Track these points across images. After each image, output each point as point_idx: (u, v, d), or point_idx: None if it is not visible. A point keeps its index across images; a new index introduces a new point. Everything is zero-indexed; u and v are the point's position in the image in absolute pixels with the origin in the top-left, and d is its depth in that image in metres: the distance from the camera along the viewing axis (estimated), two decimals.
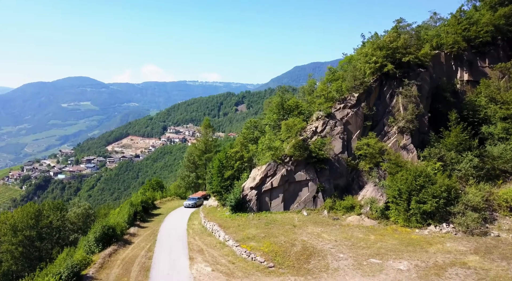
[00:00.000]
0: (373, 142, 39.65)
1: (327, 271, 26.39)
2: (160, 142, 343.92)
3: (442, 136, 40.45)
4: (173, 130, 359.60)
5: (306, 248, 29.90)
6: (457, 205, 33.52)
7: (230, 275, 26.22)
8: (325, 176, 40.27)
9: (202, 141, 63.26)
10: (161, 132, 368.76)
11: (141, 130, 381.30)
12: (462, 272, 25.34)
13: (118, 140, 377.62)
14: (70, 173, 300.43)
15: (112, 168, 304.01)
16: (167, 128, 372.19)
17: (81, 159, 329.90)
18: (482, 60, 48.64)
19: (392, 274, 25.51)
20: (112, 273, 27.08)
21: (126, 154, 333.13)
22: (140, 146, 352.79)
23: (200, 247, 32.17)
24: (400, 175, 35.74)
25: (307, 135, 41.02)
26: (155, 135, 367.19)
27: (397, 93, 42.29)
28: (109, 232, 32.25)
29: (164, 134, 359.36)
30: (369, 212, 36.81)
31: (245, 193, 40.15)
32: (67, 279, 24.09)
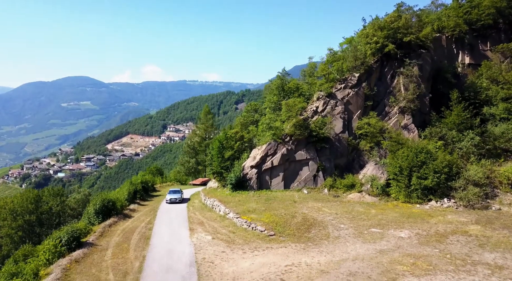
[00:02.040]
0: (374, 122, 39.55)
1: (328, 239, 26.24)
2: (160, 140, 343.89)
3: (443, 116, 40.35)
4: (173, 128, 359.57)
5: (306, 219, 29.75)
6: (458, 180, 33.36)
7: (230, 243, 26.06)
8: (326, 155, 40.14)
9: (202, 128, 63.06)
10: (161, 131, 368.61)
11: (141, 129, 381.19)
12: (463, 239, 25.20)
13: (118, 138, 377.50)
14: (70, 172, 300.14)
15: (112, 167, 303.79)
16: (167, 127, 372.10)
17: (81, 157, 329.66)
18: (483, 43, 48.58)
19: (393, 241, 25.38)
20: (112, 240, 26.92)
21: (126, 153, 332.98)
22: (140, 145, 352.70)
23: (201, 220, 32.03)
24: (401, 152, 35.61)
25: (308, 115, 40.92)
26: (155, 134, 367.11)
27: (398, 73, 42.21)
28: (108, 205, 32.10)
29: (164, 133, 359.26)
30: (369, 190, 36.66)
31: (246, 172, 40.01)
32: (67, 243, 23.92)
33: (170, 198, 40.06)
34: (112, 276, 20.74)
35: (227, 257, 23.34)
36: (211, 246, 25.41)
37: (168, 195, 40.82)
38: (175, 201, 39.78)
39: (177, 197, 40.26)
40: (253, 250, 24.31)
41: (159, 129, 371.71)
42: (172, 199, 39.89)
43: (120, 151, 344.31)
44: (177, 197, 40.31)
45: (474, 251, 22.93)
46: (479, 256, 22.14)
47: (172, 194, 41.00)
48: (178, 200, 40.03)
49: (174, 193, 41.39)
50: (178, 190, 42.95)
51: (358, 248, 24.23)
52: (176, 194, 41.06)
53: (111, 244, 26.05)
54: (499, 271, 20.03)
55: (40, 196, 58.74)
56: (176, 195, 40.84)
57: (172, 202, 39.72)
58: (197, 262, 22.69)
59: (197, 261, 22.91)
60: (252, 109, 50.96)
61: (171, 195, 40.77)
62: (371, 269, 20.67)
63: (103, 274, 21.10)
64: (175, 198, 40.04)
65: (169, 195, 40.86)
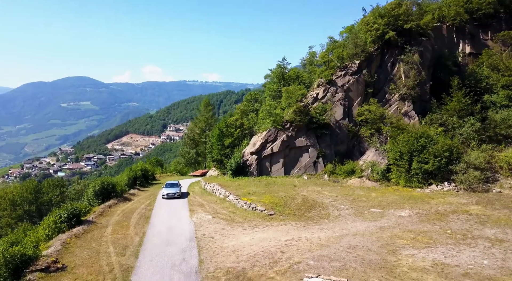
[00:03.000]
0: (374, 108, 39.52)
1: (328, 218, 26.22)
2: (160, 140, 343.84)
3: (444, 103, 40.32)
4: (173, 128, 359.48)
5: (306, 200, 29.72)
6: (459, 164, 33.31)
7: (230, 221, 26.03)
8: (326, 142, 40.10)
9: (202, 119, 62.89)
10: (161, 130, 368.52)
11: (141, 128, 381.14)
12: (464, 217, 25.15)
13: (118, 138, 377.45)
14: (70, 171, 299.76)
15: (112, 166, 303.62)
16: (167, 126, 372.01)
17: (81, 157, 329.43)
18: (484, 32, 48.55)
19: (394, 219, 25.35)
20: (112, 219, 26.87)
21: (126, 152, 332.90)
22: (140, 144, 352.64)
23: (201, 202, 32.00)
24: (401, 138, 35.58)
25: (308, 102, 40.90)
26: (155, 133, 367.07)
27: (398, 61, 42.20)
28: (108, 188, 32.04)
29: (164, 132, 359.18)
30: (370, 175, 36.61)
31: (246, 158, 39.98)
32: (67, 220, 23.87)
33: (167, 192, 34.75)
34: (112, 249, 20.70)
35: (227, 233, 23.31)
36: (211, 224, 25.38)
37: (165, 189, 35.44)
38: (173, 196, 34.60)
39: (175, 192, 34.93)
40: (253, 227, 24.29)
41: (159, 129, 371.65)
42: (170, 193, 34.69)
43: (120, 150, 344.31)
44: (175, 191, 35.04)
45: (475, 228, 22.89)
46: (480, 232, 22.10)
47: (169, 188, 35.58)
48: (176, 194, 34.84)
49: (171, 187, 35.95)
50: (176, 183, 37.64)
51: (358, 226, 24.20)
52: (174, 188, 35.67)
53: (111, 222, 26.02)
54: (499, 243, 20.00)
55: (40, 187, 58.78)
56: (174, 189, 35.52)
57: (170, 197, 34.57)
58: (197, 237, 22.67)
59: (197, 236, 22.89)
60: (252, 98, 50.93)
61: (168, 189, 35.46)
62: (371, 243, 20.62)
63: (103, 247, 21.05)
64: (173, 193, 34.76)
65: (166, 189, 35.54)
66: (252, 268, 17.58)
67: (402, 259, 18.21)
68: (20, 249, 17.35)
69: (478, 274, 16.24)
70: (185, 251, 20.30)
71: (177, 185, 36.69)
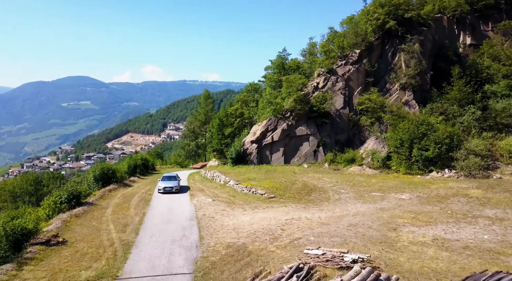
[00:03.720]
0: (374, 97, 39.53)
1: (328, 201, 26.22)
2: (160, 139, 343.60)
3: (444, 92, 40.30)
4: (173, 127, 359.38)
5: (306, 185, 29.72)
6: (460, 151, 33.30)
7: (231, 203, 26.02)
8: (326, 131, 40.10)
9: (202, 112, 62.69)
10: (161, 129, 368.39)
11: (141, 127, 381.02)
12: (464, 200, 25.16)
13: (118, 137, 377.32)
14: (70, 170, 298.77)
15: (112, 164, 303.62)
16: (167, 125, 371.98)
17: (81, 156, 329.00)
18: (485, 24, 48.54)
19: (394, 201, 25.36)
20: (112, 202, 26.86)
21: (126, 151, 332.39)
22: (140, 143, 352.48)
23: (201, 188, 31.99)
24: (402, 125, 35.59)
25: (308, 91, 40.90)
26: (155, 132, 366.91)
27: (399, 50, 42.19)
28: (108, 173, 32.02)
29: (164, 131, 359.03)
30: (370, 163, 36.61)
31: (246, 147, 39.97)
32: (67, 201, 23.84)
33: (164, 186, 30.45)
34: (113, 226, 20.69)
35: (228, 214, 23.31)
36: (211, 206, 25.38)
37: (161, 183, 31.09)
38: (170, 191, 30.34)
39: (172, 186, 30.65)
40: (254, 209, 24.29)
41: (159, 128, 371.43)
42: (167, 188, 30.40)
43: (120, 149, 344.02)
44: (173, 185, 30.77)
45: (475, 208, 22.90)
46: (480, 212, 22.11)
47: (166, 181, 31.32)
48: (174, 189, 30.51)
49: (168, 180, 31.62)
50: (174, 176, 33.21)
51: (359, 207, 24.21)
52: (172, 181, 31.43)
53: (111, 204, 26.02)
54: (499, 222, 20.01)
55: (40, 179, 58.78)
56: (172, 182, 31.23)
57: (167, 191, 30.30)
58: (197, 217, 22.67)
59: (197, 216, 22.89)
60: (252, 89, 50.89)
61: (165, 182, 31.14)
62: (372, 222, 20.63)
63: (104, 225, 21.04)
64: (170, 187, 30.50)
65: (162, 182, 31.20)
66: (253, 243, 17.57)
67: (403, 235, 18.22)
68: (20, 223, 17.33)
69: (478, 247, 16.25)
70: (185, 229, 20.30)
71: (175, 178, 32.29)
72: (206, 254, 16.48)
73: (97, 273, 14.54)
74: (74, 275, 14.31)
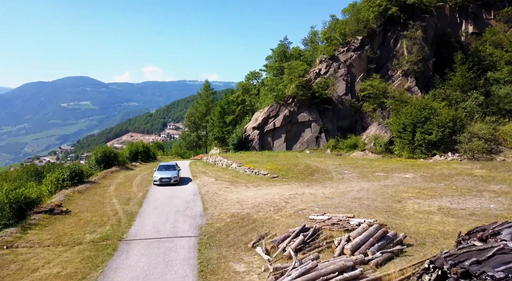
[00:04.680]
0: (377, 83, 39.41)
1: (332, 180, 26.10)
2: (160, 138, 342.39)
3: (447, 79, 40.16)
4: (172, 126, 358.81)
5: (309, 167, 29.61)
6: (463, 134, 33.17)
7: (233, 182, 25.92)
8: (328, 117, 39.97)
9: (203, 103, 62.21)
10: (160, 129, 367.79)
11: (141, 127, 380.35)
12: (469, 178, 25.01)
13: (118, 136, 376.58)
14: None
15: None
16: (166, 125, 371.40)
17: (80, 155, 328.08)
18: (487, 12, 48.40)
19: (398, 180, 25.23)
20: (115, 181, 26.75)
21: None
22: None
23: (203, 171, 31.86)
24: (404, 110, 35.44)
25: (310, 77, 40.77)
26: (155, 132, 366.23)
27: (401, 37, 42.06)
28: (110, 156, 31.90)
29: (164, 131, 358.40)
30: (373, 148, 36.49)
31: (247, 133, 39.85)
32: (70, 178, 23.74)
33: (160, 177, 24.95)
34: (116, 200, 20.58)
35: (231, 190, 23.19)
36: (214, 185, 25.26)
37: (157, 173, 25.56)
38: (168, 183, 24.95)
39: (170, 176, 25.15)
40: (257, 186, 24.18)
41: (159, 127, 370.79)
42: (164, 179, 24.91)
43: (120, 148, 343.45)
44: (171, 175, 25.29)
45: (480, 185, 22.76)
46: (485, 187, 21.98)
47: (163, 172, 25.89)
48: (172, 180, 25.10)
49: (166, 170, 26.27)
50: (173, 165, 27.67)
51: (363, 184, 24.08)
52: (170, 171, 26.04)
53: (114, 183, 25.91)
54: (505, 195, 19.86)
55: (41, 171, 58.54)
56: (170, 172, 25.81)
57: (164, 183, 24.88)
58: (200, 193, 22.58)
59: (201, 192, 22.80)
60: (253, 77, 50.69)
61: (162, 172, 25.71)
62: (376, 196, 20.50)
63: (107, 199, 20.93)
64: (168, 178, 25.02)
65: (159, 172, 25.71)
66: (257, 213, 17.47)
67: (408, 206, 18.10)
68: (23, 192, 17.22)
69: (485, 214, 16.12)
70: (188, 202, 20.22)
71: (174, 168, 27.03)
72: (211, 221, 16.38)
73: (102, 235, 14.43)
74: (79, 238, 14.20)
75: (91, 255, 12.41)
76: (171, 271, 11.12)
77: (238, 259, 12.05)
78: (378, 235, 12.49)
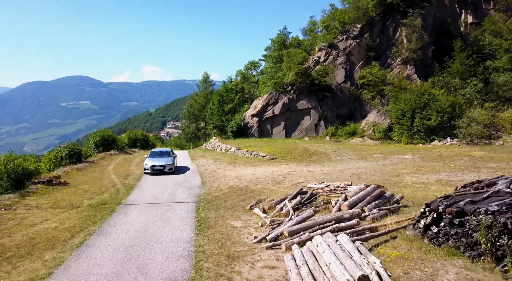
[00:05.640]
0: (376, 71, 39.40)
1: (330, 161, 26.12)
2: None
3: (446, 66, 40.16)
4: (172, 125, 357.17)
5: (308, 150, 29.62)
6: (462, 119, 33.17)
7: (232, 163, 25.92)
8: (328, 105, 39.98)
9: (202, 95, 61.87)
10: (160, 128, 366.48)
11: (141, 126, 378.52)
12: (467, 158, 25.00)
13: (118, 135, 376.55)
14: None
15: None
16: (166, 123, 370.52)
17: None
18: (486, 2, 48.40)
19: (396, 160, 25.24)
20: (113, 162, 26.75)
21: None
22: None
23: (202, 155, 31.91)
24: (403, 96, 35.44)
25: (310, 64, 40.77)
26: (154, 130, 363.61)
27: (400, 25, 42.05)
28: (109, 140, 31.87)
29: (164, 129, 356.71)
30: (371, 134, 36.50)
31: (246, 121, 39.85)
32: (68, 156, 23.75)
33: (152, 165, 21.13)
34: (114, 176, 20.59)
35: (229, 169, 23.22)
36: (213, 165, 25.26)
37: (149, 160, 21.73)
38: (162, 171, 21.14)
39: (164, 164, 21.35)
40: (255, 166, 24.21)
41: (159, 126, 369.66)
42: (157, 167, 21.12)
43: None
44: (165, 163, 21.48)
45: (478, 163, 22.75)
46: (483, 165, 21.98)
47: (155, 159, 22.09)
48: (167, 169, 21.32)
49: (159, 157, 22.63)
50: (168, 151, 24.13)
51: (361, 164, 24.08)
52: (164, 158, 22.27)
53: (112, 163, 25.93)
54: (503, 170, 19.87)
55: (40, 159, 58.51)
56: (164, 159, 22.05)
57: (156, 172, 21.06)
58: (199, 171, 22.59)
59: (200, 170, 22.81)
60: (252, 68, 50.64)
61: (154, 159, 21.92)
62: (374, 172, 20.52)
63: (106, 175, 20.94)
64: (161, 166, 21.21)
65: (151, 159, 21.92)
66: (255, 185, 17.51)
67: (406, 179, 18.12)
68: (21, 162, 17.22)
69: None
70: (187, 177, 20.29)
71: (168, 154, 23.31)
72: (209, 191, 16.41)
73: (100, 201, 14.45)
74: (77, 202, 14.22)
75: (89, 214, 12.45)
76: (169, 226, 11.15)
77: (235, 218, 12.09)
78: (376, 194, 12.51)
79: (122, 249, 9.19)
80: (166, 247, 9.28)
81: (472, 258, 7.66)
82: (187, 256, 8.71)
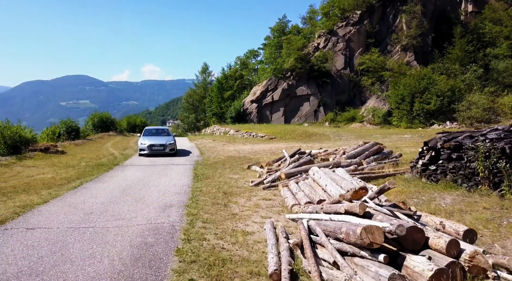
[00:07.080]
0: (375, 57, 39.34)
1: (329, 140, 26.03)
2: None
3: (446, 53, 40.06)
4: (172, 123, 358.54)
5: (307, 131, 29.58)
6: (462, 102, 33.07)
7: (231, 141, 25.87)
8: (327, 91, 39.91)
9: (201, 86, 61.44)
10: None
11: None
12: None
13: None
14: None
15: None
16: (166, 122, 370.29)
17: None
18: None
19: (396, 139, 25.18)
20: (112, 140, 26.71)
21: None
22: None
23: (201, 137, 31.85)
24: (403, 81, 35.33)
25: (309, 51, 40.70)
26: None
27: (400, 12, 41.97)
28: (107, 122, 31.78)
29: None
30: (371, 119, 36.43)
31: (246, 107, 39.78)
32: (66, 132, 23.68)
33: (150, 144, 17.56)
34: (112, 149, 20.53)
35: (228, 146, 23.13)
36: (211, 143, 25.19)
37: (145, 139, 18.21)
38: (161, 151, 17.63)
39: (164, 143, 17.87)
40: (254, 144, 24.12)
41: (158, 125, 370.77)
42: (155, 147, 17.61)
43: None
44: (166, 142, 17.99)
45: None
46: None
47: (152, 138, 18.78)
48: (168, 149, 17.81)
49: (156, 136, 19.39)
50: (165, 130, 21.54)
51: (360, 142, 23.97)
52: (162, 137, 19.09)
53: (111, 141, 25.88)
54: None
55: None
56: (162, 138, 18.80)
57: (155, 152, 17.52)
58: (198, 147, 22.53)
59: (199, 147, 22.75)
60: (251, 56, 50.51)
61: (151, 138, 18.51)
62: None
63: (104, 150, 20.86)
64: (161, 145, 17.72)
65: (147, 138, 18.41)
66: (254, 155, 17.43)
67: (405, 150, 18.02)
68: (18, 130, 17.15)
69: None
70: (185, 151, 20.17)
71: (167, 133, 20.55)
72: (208, 159, 16.36)
73: (97, 163, 14.39)
74: (74, 164, 14.14)
75: (86, 171, 12.40)
76: (166, 177, 11.12)
77: (233, 173, 12.05)
78: (374, 150, 12.50)
79: (118, 189, 9.18)
80: (163, 188, 9.27)
81: (469, 188, 7.62)
82: (184, 193, 8.71)
